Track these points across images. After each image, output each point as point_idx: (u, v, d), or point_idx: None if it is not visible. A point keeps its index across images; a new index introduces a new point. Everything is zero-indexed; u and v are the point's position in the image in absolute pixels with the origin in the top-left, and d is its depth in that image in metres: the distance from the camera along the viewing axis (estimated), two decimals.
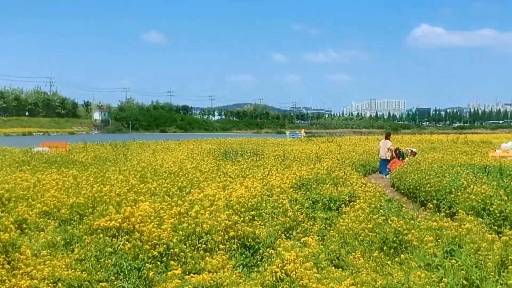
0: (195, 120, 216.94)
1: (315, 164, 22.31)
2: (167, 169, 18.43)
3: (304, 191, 15.70)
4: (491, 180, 15.86)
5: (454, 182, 15.63)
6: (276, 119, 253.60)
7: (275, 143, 49.45)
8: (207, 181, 15.66)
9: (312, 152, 33.19)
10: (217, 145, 44.04)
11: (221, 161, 22.86)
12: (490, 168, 19.02)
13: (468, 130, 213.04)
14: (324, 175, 18.01)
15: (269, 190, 14.06)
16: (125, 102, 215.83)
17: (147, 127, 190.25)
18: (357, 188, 13.97)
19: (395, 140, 51.66)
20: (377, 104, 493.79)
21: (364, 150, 36.19)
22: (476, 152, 32.46)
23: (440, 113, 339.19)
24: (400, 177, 21.03)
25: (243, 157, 25.73)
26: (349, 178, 17.35)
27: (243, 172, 18.20)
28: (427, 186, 16.32)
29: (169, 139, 55.03)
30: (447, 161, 24.48)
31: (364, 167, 27.57)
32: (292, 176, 17.34)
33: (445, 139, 53.60)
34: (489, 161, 24.18)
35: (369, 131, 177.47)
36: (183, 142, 49.44)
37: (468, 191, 13.86)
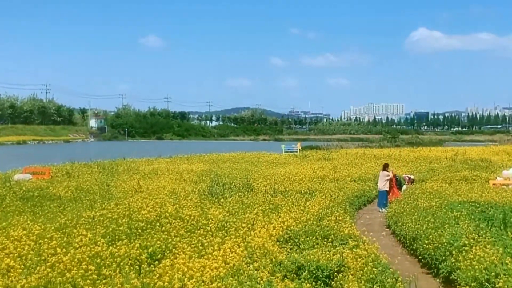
0: (192, 127, 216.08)
1: (306, 203, 21.00)
2: (145, 216, 17.04)
3: (291, 245, 14.41)
4: (495, 236, 14.49)
5: (454, 239, 14.25)
6: (274, 124, 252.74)
7: (269, 161, 48.23)
8: (185, 238, 14.29)
9: (305, 178, 31.93)
10: (210, 164, 42.85)
11: (206, 200, 21.44)
12: (493, 214, 17.61)
13: (466, 136, 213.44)
14: (314, 222, 16.66)
15: (250, 255, 12.69)
16: (121, 109, 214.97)
17: (143, 134, 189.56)
18: (347, 255, 12.58)
19: (392, 158, 50.48)
20: (376, 108, 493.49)
21: (359, 174, 34.81)
22: (476, 178, 31.16)
23: (439, 118, 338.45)
24: (396, 219, 19.70)
25: (231, 191, 24.38)
26: (341, 229, 15.97)
27: (226, 220, 16.81)
28: (425, 241, 14.98)
29: (161, 156, 53.59)
30: (447, 195, 23.19)
31: (359, 198, 26.29)
32: (279, 226, 15.98)
33: (443, 156, 52.23)
34: (490, 195, 22.88)
35: (367, 137, 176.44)
36: (175, 160, 48.22)
37: (470, 256, 12.50)
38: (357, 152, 61.27)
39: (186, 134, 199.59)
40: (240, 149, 70.30)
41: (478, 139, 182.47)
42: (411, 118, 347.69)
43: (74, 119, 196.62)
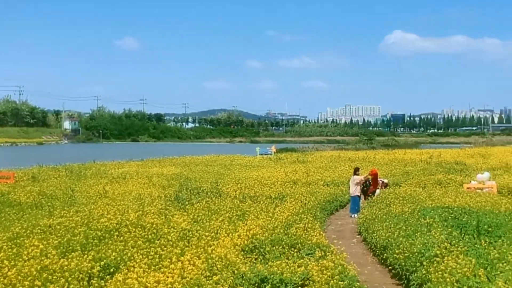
0: (168, 129, 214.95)
1: (275, 209, 20.33)
2: (104, 224, 16.22)
3: (256, 255, 13.71)
4: (468, 245, 13.87)
5: (426, 248, 13.61)
6: (250, 126, 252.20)
7: (243, 164, 47.62)
8: (142, 249, 13.50)
9: (277, 182, 31.30)
10: (181, 167, 42.09)
11: (172, 206, 20.67)
12: (466, 221, 17.01)
13: (442, 138, 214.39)
14: (281, 230, 15.97)
15: (210, 268, 11.95)
16: (96, 111, 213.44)
17: (118, 136, 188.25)
18: (313, 267, 11.88)
19: (366, 161, 50.06)
20: (352, 110, 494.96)
21: (333, 178, 34.27)
22: (451, 182, 30.73)
23: (415, 119, 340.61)
24: (367, 226, 19.07)
25: (199, 196, 23.65)
26: (309, 237, 15.30)
27: (189, 228, 16.07)
28: (396, 250, 14.33)
29: (132, 159, 52.67)
30: (420, 200, 22.64)
31: (331, 203, 25.68)
32: (244, 234, 15.27)
33: (418, 158, 51.88)
34: (464, 200, 22.36)
35: (344, 138, 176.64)
36: (146, 163, 47.36)
37: (441, 268, 11.87)
38: (332, 155, 60.74)
39: (161, 136, 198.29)
40: (215, 152, 69.77)
41: (453, 141, 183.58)
42: (387, 120, 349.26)
43: (48, 121, 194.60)
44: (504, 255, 12.71)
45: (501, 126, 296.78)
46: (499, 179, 32.43)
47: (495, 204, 21.81)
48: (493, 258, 12.52)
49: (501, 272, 11.58)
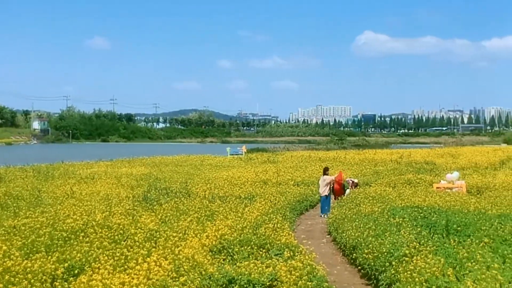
0: (139, 129, 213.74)
1: (244, 209, 20.15)
2: (70, 225, 15.91)
3: (225, 256, 13.53)
4: (437, 244, 13.82)
5: (395, 248, 13.53)
6: (222, 127, 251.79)
7: (213, 164, 47.44)
8: (108, 250, 13.23)
9: (247, 182, 31.14)
10: (151, 168, 41.76)
11: (140, 207, 20.39)
12: (435, 220, 16.98)
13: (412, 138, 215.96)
14: (250, 231, 15.81)
15: (177, 269, 11.74)
16: (65, 111, 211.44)
17: (88, 136, 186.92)
18: (281, 268, 11.71)
19: (337, 161, 50.12)
20: (323, 111, 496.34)
21: (303, 178, 34.21)
22: (420, 181, 30.81)
23: (385, 120, 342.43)
24: (337, 225, 18.98)
25: (167, 196, 23.39)
26: (278, 238, 15.15)
27: (156, 229, 15.83)
28: (365, 250, 14.24)
29: (101, 159, 52.13)
30: (390, 199, 22.65)
31: (301, 203, 25.59)
32: (212, 235, 15.08)
33: (388, 158, 52.06)
34: (434, 199, 22.43)
35: (315, 139, 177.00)
36: (116, 163, 46.91)
37: (410, 267, 11.79)
38: (303, 155, 60.74)
39: (132, 136, 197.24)
40: (186, 152, 69.44)
41: (424, 141, 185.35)
42: (358, 120, 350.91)
43: (16, 121, 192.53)
44: (473, 254, 12.68)
45: (470, 126, 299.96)
46: (468, 178, 32.60)
47: (464, 203, 21.91)
48: (462, 258, 12.49)
49: (470, 272, 11.53)
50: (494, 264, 11.82)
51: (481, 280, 10.77)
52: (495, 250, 13.43)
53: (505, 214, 18.55)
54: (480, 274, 11.12)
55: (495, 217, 17.69)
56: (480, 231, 15.43)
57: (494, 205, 21.72)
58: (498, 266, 11.71)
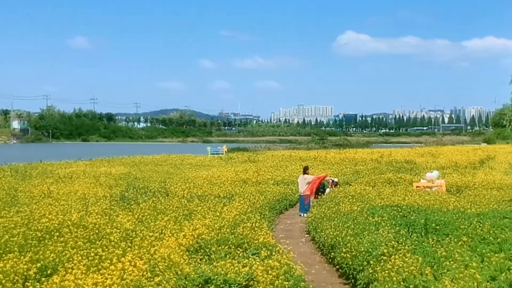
0: (119, 129, 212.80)
1: (223, 208, 19.99)
2: (45, 225, 15.65)
3: (202, 255, 13.35)
4: (415, 243, 13.74)
5: (373, 247, 13.43)
6: (203, 126, 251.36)
7: (193, 163, 47.22)
8: (82, 250, 13.01)
9: (227, 181, 30.97)
10: (131, 167, 41.45)
11: (117, 206, 20.13)
12: (414, 219, 16.91)
13: (393, 138, 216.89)
14: (228, 230, 15.64)
15: (152, 269, 11.55)
16: (45, 110, 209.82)
17: (68, 136, 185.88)
18: (257, 267, 11.55)
19: (317, 160, 50.07)
20: (305, 110, 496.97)
21: (283, 177, 34.07)
22: (400, 181, 30.78)
23: (367, 119, 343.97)
24: (316, 225, 18.85)
25: (145, 196, 23.15)
26: (256, 237, 14.99)
27: (133, 229, 15.62)
28: (343, 249, 14.11)
29: (81, 158, 51.70)
30: (370, 198, 22.60)
31: (281, 202, 25.44)
32: (190, 234, 14.89)
33: (369, 158, 52.07)
34: (413, 198, 22.40)
35: (296, 138, 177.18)
36: (95, 163, 46.54)
37: (388, 266, 11.69)
38: (283, 154, 60.69)
39: (112, 136, 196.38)
40: (167, 151, 69.21)
41: (404, 141, 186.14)
42: (339, 120, 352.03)
43: None
44: (451, 253, 12.61)
45: (451, 126, 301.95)
46: (448, 177, 32.66)
47: (443, 202, 21.93)
48: (440, 257, 12.42)
49: (447, 271, 11.45)
50: (473, 263, 11.76)
51: (459, 279, 10.69)
52: (474, 249, 13.39)
53: (484, 213, 18.55)
54: (458, 273, 11.04)
55: (474, 216, 17.67)
56: (458, 230, 15.39)
57: (473, 204, 21.71)
58: (476, 265, 11.65)
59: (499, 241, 13.96)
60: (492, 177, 32.45)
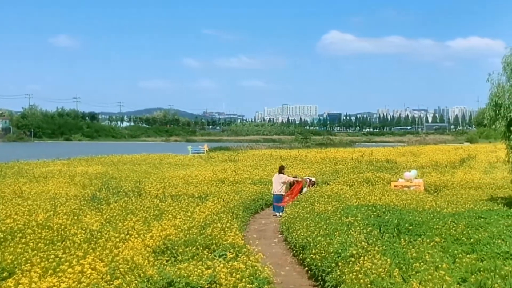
0: (102, 128, 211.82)
1: (195, 208, 19.64)
2: (9, 226, 15.20)
3: (168, 256, 13.00)
4: (386, 244, 13.43)
5: (343, 248, 13.12)
6: (187, 125, 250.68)
7: (172, 162, 46.82)
8: (43, 251, 12.59)
9: (204, 181, 30.63)
10: (108, 166, 40.98)
11: (86, 206, 19.70)
12: (388, 219, 16.59)
13: (377, 137, 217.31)
14: (197, 231, 15.29)
15: (112, 271, 11.17)
16: (28, 109, 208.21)
17: (51, 135, 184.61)
18: (220, 270, 11.18)
19: (298, 159, 49.79)
20: (289, 110, 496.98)
21: (261, 176, 33.70)
22: (379, 180, 30.54)
23: (351, 119, 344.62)
24: (289, 225, 18.52)
25: (117, 196, 22.74)
26: (225, 238, 14.65)
27: (99, 229, 15.22)
28: (313, 250, 13.79)
29: (59, 158, 51.12)
30: (346, 198, 22.33)
31: (256, 202, 25.09)
32: (157, 235, 14.53)
33: (350, 157, 51.85)
34: (390, 198, 22.16)
35: (280, 138, 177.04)
36: (73, 162, 46.02)
37: (356, 268, 11.38)
38: (264, 154, 60.38)
39: (96, 135, 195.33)
40: (149, 150, 68.78)
41: (388, 140, 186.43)
42: (324, 119, 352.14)
43: None
44: (421, 254, 12.33)
45: (434, 126, 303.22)
46: (427, 177, 32.54)
47: (420, 201, 21.74)
48: (410, 258, 12.14)
49: (417, 272, 11.18)
50: (443, 264, 11.50)
51: (428, 281, 10.43)
52: (446, 249, 13.12)
53: (459, 213, 18.29)
54: (427, 275, 10.77)
55: (449, 216, 17.37)
56: (432, 230, 15.10)
57: (450, 203, 21.56)
58: (447, 267, 11.39)
59: (472, 242, 13.66)
60: (471, 176, 32.34)
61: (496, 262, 11.63)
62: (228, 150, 72.37)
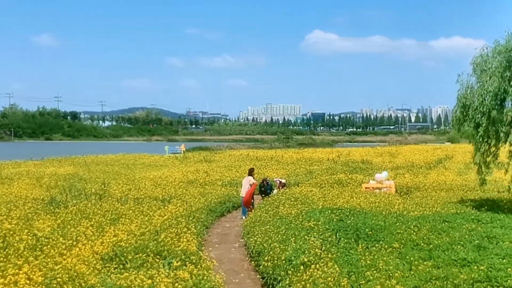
0: (84, 127, 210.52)
1: (156, 211, 19.10)
2: None
3: (117, 264, 12.50)
4: (342, 250, 12.97)
5: (296, 255, 12.65)
6: (169, 125, 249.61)
7: (146, 163, 46.29)
8: None
9: (174, 182, 30.12)
10: (80, 167, 40.38)
11: (42, 210, 19.05)
12: (349, 224, 16.10)
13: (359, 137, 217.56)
14: (150, 236, 14.76)
15: (49, 282, 10.63)
16: (8, 108, 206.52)
17: (31, 134, 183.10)
18: (162, 280, 10.66)
19: (274, 160, 49.36)
20: (273, 109, 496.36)
21: (232, 178, 33.20)
22: (351, 181, 30.16)
23: (334, 118, 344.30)
24: (249, 229, 18.03)
25: (78, 199, 22.14)
26: (179, 243, 14.16)
27: (48, 235, 14.63)
28: (267, 257, 13.31)
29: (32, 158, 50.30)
30: (313, 201, 21.85)
31: (223, 204, 24.57)
32: (108, 241, 14.00)
33: (326, 157, 51.46)
34: (358, 200, 21.74)
35: (262, 137, 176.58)
36: (45, 163, 45.30)
37: (305, 277, 10.94)
38: (241, 154, 59.98)
39: (77, 134, 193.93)
40: (128, 150, 68.21)
41: (370, 140, 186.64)
42: (307, 118, 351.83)
43: None
44: (376, 261, 11.89)
45: (417, 125, 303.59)
46: (400, 178, 32.18)
47: (388, 204, 21.40)
48: (364, 266, 11.69)
49: (368, 281, 10.77)
50: (397, 272, 11.08)
51: None
52: (403, 256, 12.67)
53: (424, 216, 17.91)
54: (378, 284, 10.35)
55: (413, 220, 17.01)
56: (393, 235, 14.66)
57: (418, 206, 21.20)
58: (401, 275, 10.99)
59: (430, 248, 13.25)
60: (444, 178, 32.01)
61: (452, 270, 11.24)
62: (206, 150, 71.87)
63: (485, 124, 20.06)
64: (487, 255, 12.28)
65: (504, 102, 20.07)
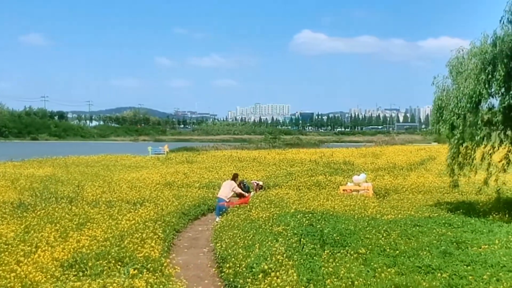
0: (71, 127, 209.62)
1: (125, 216, 18.77)
2: None
3: (76, 271, 12.19)
4: (305, 258, 12.70)
5: (258, 262, 12.39)
6: (157, 125, 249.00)
7: (127, 164, 45.84)
8: None
9: (151, 184, 29.81)
10: (60, 168, 39.96)
11: (8, 215, 18.68)
12: (317, 229, 15.83)
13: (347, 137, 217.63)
14: (113, 242, 14.46)
15: None
16: None
17: (18, 134, 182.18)
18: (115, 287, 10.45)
19: (256, 161, 49.11)
20: (262, 109, 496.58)
21: (211, 179, 32.92)
22: (329, 183, 29.95)
23: (323, 118, 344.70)
24: (218, 233, 17.75)
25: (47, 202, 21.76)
26: (142, 249, 13.87)
27: (6, 241, 14.28)
28: (230, 263, 13.06)
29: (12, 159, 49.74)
30: (287, 204, 21.55)
31: (198, 207, 24.26)
32: (70, 247, 13.70)
33: (308, 158, 51.22)
34: (332, 203, 21.51)
35: (250, 137, 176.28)
36: (25, 164, 44.81)
37: (263, 286, 10.69)
38: (224, 155, 59.71)
39: (63, 134, 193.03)
40: (113, 151, 67.77)
41: (357, 140, 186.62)
42: (296, 118, 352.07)
43: None
44: (338, 268, 11.63)
45: (405, 125, 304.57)
46: (380, 180, 31.99)
47: (363, 207, 21.13)
48: (325, 273, 11.44)
49: None
50: (358, 280, 10.84)
51: None
52: (368, 262, 12.42)
53: (396, 220, 17.70)
54: None
55: (385, 224, 16.77)
56: (360, 240, 14.41)
57: (393, 209, 21.01)
58: (362, 282, 10.74)
59: (397, 254, 13.02)
60: (423, 180, 31.81)
61: (415, 277, 11.02)
62: (191, 151, 71.44)
63: (461, 127, 19.89)
64: (452, 261, 12.10)
65: (479, 105, 19.89)
